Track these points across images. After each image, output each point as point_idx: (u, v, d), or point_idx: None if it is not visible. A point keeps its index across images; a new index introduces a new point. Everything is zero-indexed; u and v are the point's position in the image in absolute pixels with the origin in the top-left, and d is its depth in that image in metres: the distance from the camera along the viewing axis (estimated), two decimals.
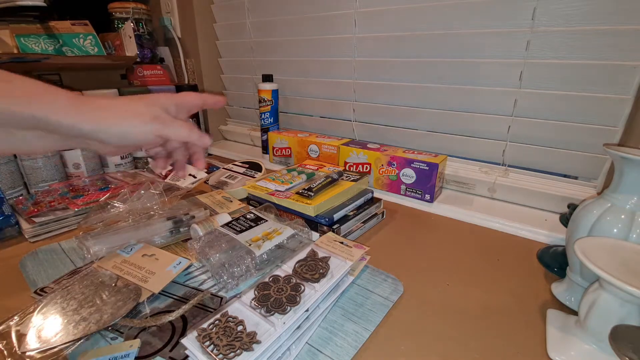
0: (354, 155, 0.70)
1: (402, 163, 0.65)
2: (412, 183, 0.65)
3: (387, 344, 0.36)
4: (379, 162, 0.68)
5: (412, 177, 0.65)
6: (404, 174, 0.66)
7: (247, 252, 0.45)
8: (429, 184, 0.64)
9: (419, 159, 0.64)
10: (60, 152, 0.45)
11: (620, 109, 0.53)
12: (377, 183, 0.70)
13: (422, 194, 0.65)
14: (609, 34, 0.52)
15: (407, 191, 0.66)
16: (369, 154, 0.69)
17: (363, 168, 0.70)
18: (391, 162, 0.66)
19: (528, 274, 0.47)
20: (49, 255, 0.51)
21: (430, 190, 0.64)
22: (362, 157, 0.70)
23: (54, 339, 0.35)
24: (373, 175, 0.69)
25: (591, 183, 0.60)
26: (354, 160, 0.71)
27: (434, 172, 0.62)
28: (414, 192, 0.66)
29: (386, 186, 0.69)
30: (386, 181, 0.68)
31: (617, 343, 0.28)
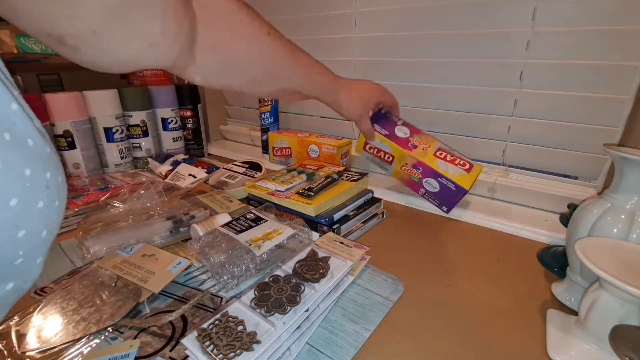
0: (379, 141, 0.63)
1: (428, 173, 0.59)
2: (433, 192, 0.60)
3: (387, 344, 0.36)
4: (403, 160, 0.61)
5: (435, 188, 0.59)
6: (428, 182, 0.59)
7: (247, 252, 0.45)
8: (451, 202, 0.59)
9: (449, 175, 0.57)
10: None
11: (620, 109, 0.53)
12: (396, 175, 0.64)
13: (440, 204, 0.61)
14: (609, 34, 0.52)
15: (426, 196, 0.61)
16: (395, 147, 0.61)
17: (384, 156, 0.64)
18: (416, 167, 0.60)
19: (528, 274, 0.47)
20: (49, 255, 0.51)
21: (449, 205, 0.60)
22: (387, 147, 0.62)
23: (54, 339, 0.35)
24: (394, 167, 0.63)
25: (591, 183, 0.60)
26: (377, 145, 0.64)
27: (459, 195, 0.57)
28: (433, 199, 0.61)
29: (405, 181, 0.63)
30: (406, 178, 0.62)
31: (617, 343, 0.28)
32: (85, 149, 0.79)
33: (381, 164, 0.65)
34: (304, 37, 0.86)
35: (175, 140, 0.96)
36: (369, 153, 0.65)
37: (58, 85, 0.87)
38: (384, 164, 0.64)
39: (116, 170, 0.85)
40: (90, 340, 0.35)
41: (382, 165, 0.65)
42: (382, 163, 0.64)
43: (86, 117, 0.79)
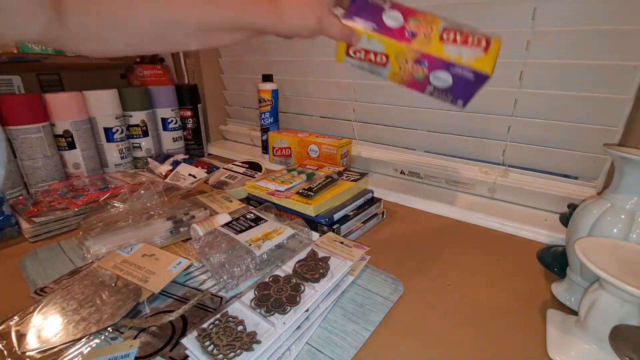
0: (365, 39, 0.47)
1: (436, 65, 0.46)
2: (445, 88, 0.48)
3: (387, 344, 0.36)
4: (402, 57, 0.47)
5: (446, 82, 0.47)
6: (437, 77, 0.47)
7: (247, 252, 0.45)
8: (469, 93, 0.47)
9: (464, 62, 0.45)
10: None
11: (620, 109, 0.53)
12: (394, 77, 0.49)
13: (454, 99, 0.48)
14: (609, 34, 0.52)
15: (434, 94, 0.49)
16: (387, 43, 0.46)
17: (376, 58, 0.48)
18: (420, 61, 0.47)
19: (528, 274, 0.47)
20: (49, 255, 0.51)
21: (466, 97, 0.48)
22: (377, 45, 0.48)
23: (54, 339, 0.35)
24: (389, 69, 0.48)
25: (591, 183, 0.60)
26: (364, 46, 0.48)
27: (479, 84, 0.45)
28: (444, 96, 0.48)
29: (406, 83, 0.49)
30: (407, 78, 0.49)
31: (617, 343, 0.28)
32: (85, 149, 0.79)
33: (372, 68, 0.50)
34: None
35: (175, 140, 0.96)
36: (355, 58, 0.50)
37: (58, 85, 0.87)
38: (376, 68, 0.50)
39: (116, 170, 0.85)
40: (90, 340, 0.35)
41: (373, 70, 0.50)
42: (373, 67, 0.50)
43: (86, 117, 0.79)
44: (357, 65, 0.52)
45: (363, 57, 0.49)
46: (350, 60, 0.51)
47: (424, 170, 0.73)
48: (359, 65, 0.51)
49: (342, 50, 0.50)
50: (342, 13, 0.47)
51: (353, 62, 0.51)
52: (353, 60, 0.51)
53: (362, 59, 0.50)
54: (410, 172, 0.75)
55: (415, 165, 0.74)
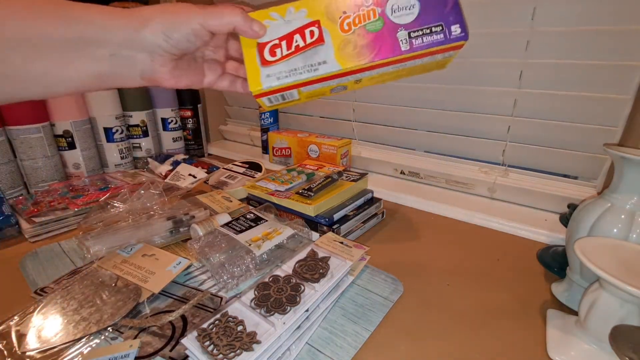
0: (276, 16, 0.34)
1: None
2: (416, 19, 0.33)
3: (387, 344, 0.36)
4: (335, 9, 0.33)
5: (412, 7, 0.33)
6: (395, 8, 0.33)
7: (247, 252, 0.45)
8: (449, 4, 0.33)
9: None
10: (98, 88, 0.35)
11: (620, 109, 0.53)
12: (343, 54, 0.33)
13: (443, 29, 0.33)
14: (609, 34, 0.52)
15: (414, 38, 0.33)
16: (306, 4, 0.33)
17: (303, 37, 0.33)
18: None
19: (528, 274, 0.47)
20: (49, 255, 0.51)
21: (455, 16, 0.33)
22: (297, 17, 0.33)
23: (54, 339, 0.35)
24: (330, 43, 0.33)
25: (591, 183, 0.60)
26: (279, 30, 0.34)
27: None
28: (428, 33, 0.33)
29: (369, 49, 0.33)
30: (365, 40, 0.33)
31: (617, 343, 0.28)
32: (85, 149, 0.79)
33: (309, 58, 0.33)
34: None
35: (175, 141, 0.96)
36: (277, 61, 0.34)
37: None
38: (313, 55, 0.33)
39: (116, 170, 0.85)
40: (91, 340, 0.35)
41: (311, 60, 0.33)
42: (309, 56, 0.33)
43: (86, 117, 0.79)
44: (286, 70, 0.33)
45: (287, 49, 0.33)
46: (271, 70, 0.33)
47: (424, 170, 0.73)
48: (287, 68, 0.33)
49: (253, 62, 0.33)
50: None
51: (279, 71, 0.33)
52: (277, 68, 0.33)
53: (286, 55, 0.33)
54: (410, 172, 0.75)
55: (415, 165, 0.74)
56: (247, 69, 0.34)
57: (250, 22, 0.33)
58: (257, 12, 0.34)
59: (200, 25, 0.32)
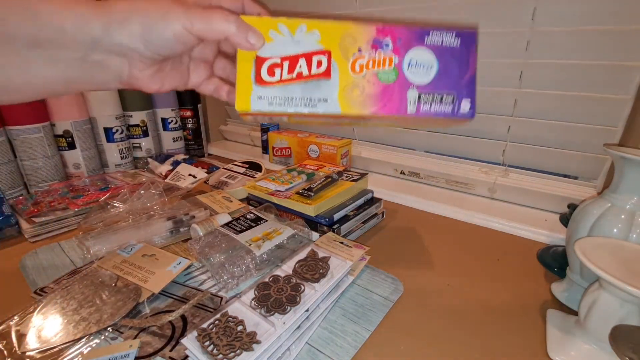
0: (285, 31, 0.30)
1: (407, 40, 0.31)
2: (431, 82, 0.31)
3: (387, 344, 0.36)
4: (350, 44, 0.30)
5: (429, 68, 0.31)
6: (413, 64, 0.31)
7: (247, 252, 0.45)
8: (466, 76, 0.31)
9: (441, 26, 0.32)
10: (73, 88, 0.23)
11: (620, 109, 0.53)
12: (347, 98, 0.30)
13: (453, 101, 0.31)
14: (609, 34, 0.52)
15: (422, 102, 0.31)
16: (324, 27, 0.30)
17: (309, 64, 0.30)
18: (380, 41, 0.31)
19: (528, 274, 0.47)
20: (49, 255, 0.51)
21: (468, 90, 0.31)
22: (306, 40, 0.30)
23: (54, 339, 0.35)
24: (336, 80, 0.30)
25: (591, 183, 0.60)
26: (281, 50, 0.30)
27: (471, 48, 0.31)
28: (438, 100, 0.31)
29: (375, 100, 0.31)
30: (373, 89, 0.30)
31: (617, 343, 0.28)
32: (85, 149, 0.79)
33: (307, 90, 0.30)
34: None
35: (175, 141, 0.96)
36: (271, 83, 0.30)
37: None
38: (313, 87, 0.30)
39: (116, 170, 0.85)
40: (90, 340, 0.35)
41: (309, 93, 0.30)
42: (308, 87, 0.30)
43: (86, 117, 0.79)
44: (281, 97, 0.30)
45: (288, 72, 0.29)
46: (265, 92, 0.29)
47: (424, 170, 0.73)
48: (283, 95, 0.30)
49: (247, 76, 0.29)
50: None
51: (273, 95, 0.29)
52: (271, 91, 0.29)
53: (286, 79, 0.29)
54: (410, 172, 0.75)
55: (415, 165, 0.74)
56: (237, 81, 0.30)
57: (246, 32, 0.28)
58: (263, 19, 0.30)
59: (185, 29, 0.27)
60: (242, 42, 0.28)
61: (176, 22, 0.27)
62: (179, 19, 0.27)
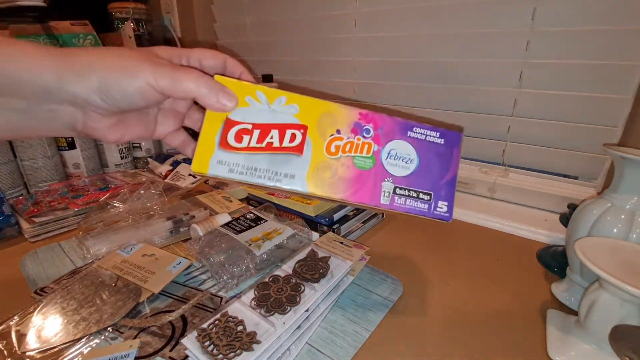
0: (263, 99, 0.29)
1: (390, 130, 0.30)
2: (409, 176, 0.30)
3: (387, 344, 0.36)
4: (329, 123, 0.29)
5: (409, 162, 0.30)
6: (392, 155, 0.30)
7: (247, 252, 0.45)
8: (446, 176, 0.31)
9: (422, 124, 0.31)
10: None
11: (620, 109, 0.53)
12: (316, 178, 0.29)
13: (430, 200, 0.30)
14: (609, 34, 0.52)
15: (397, 196, 0.30)
16: (304, 102, 0.29)
17: (282, 136, 0.29)
18: (362, 125, 0.30)
19: (528, 274, 0.47)
20: (49, 255, 0.51)
21: (446, 193, 0.31)
22: (282, 111, 0.29)
23: (54, 339, 0.35)
24: (309, 160, 0.29)
25: (591, 183, 0.60)
26: (256, 117, 0.29)
27: (454, 149, 0.31)
28: (414, 197, 0.30)
29: (346, 185, 0.29)
30: (347, 173, 0.29)
31: (617, 343, 0.28)
32: (85, 149, 0.79)
33: (274, 163, 0.29)
34: (304, 37, 0.87)
35: None
36: (239, 150, 0.28)
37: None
38: (280, 163, 0.29)
39: (116, 170, 0.85)
40: (90, 340, 0.35)
41: (275, 167, 0.29)
42: (275, 161, 0.29)
43: None
44: (244, 165, 0.28)
45: (257, 141, 0.28)
46: (227, 157, 0.28)
47: None
48: (247, 164, 0.28)
49: (211, 137, 0.28)
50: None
51: (235, 163, 0.28)
52: (234, 158, 0.28)
53: (253, 147, 0.28)
54: None
55: None
56: (200, 140, 0.28)
57: (217, 93, 0.27)
58: (242, 83, 0.29)
59: (149, 85, 0.25)
60: (212, 103, 0.27)
61: (140, 77, 0.25)
62: (144, 74, 0.25)
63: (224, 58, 0.31)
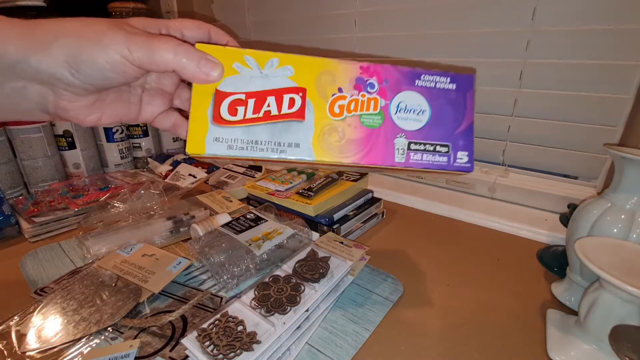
0: (252, 64, 0.26)
1: (395, 81, 0.28)
2: (423, 129, 0.28)
3: (387, 344, 0.36)
4: (329, 82, 0.27)
5: (421, 114, 0.28)
6: (402, 108, 0.28)
7: (247, 252, 0.45)
8: (462, 125, 0.28)
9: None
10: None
11: (620, 109, 0.53)
12: (323, 143, 0.27)
13: (448, 151, 0.28)
14: (609, 34, 0.51)
15: (412, 151, 0.27)
16: (299, 61, 0.27)
17: (279, 102, 0.26)
18: (364, 80, 0.27)
19: (528, 274, 0.47)
20: (49, 255, 0.51)
21: (465, 141, 0.28)
22: (276, 76, 0.26)
23: (54, 339, 0.35)
24: (312, 125, 0.26)
25: (591, 183, 0.60)
26: (247, 85, 0.26)
27: (467, 93, 0.28)
28: (430, 151, 0.28)
29: (356, 147, 0.27)
30: (355, 134, 0.27)
31: (617, 343, 0.28)
32: (85, 148, 0.79)
33: (276, 133, 0.26)
34: (305, 37, 0.87)
35: (176, 140, 0.96)
36: (234, 123, 0.26)
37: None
38: (282, 131, 0.26)
39: (116, 170, 0.85)
40: (90, 340, 0.35)
41: (278, 137, 0.26)
42: (277, 130, 0.26)
43: None
44: (244, 140, 0.26)
45: (253, 112, 0.26)
46: (224, 132, 0.25)
47: None
48: (246, 137, 0.26)
49: (202, 114, 0.25)
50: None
51: (234, 138, 0.25)
52: (232, 133, 0.25)
53: (250, 119, 0.25)
54: None
55: None
56: (190, 119, 0.25)
57: (198, 61, 0.24)
58: (227, 49, 0.26)
59: (123, 57, 0.22)
60: (194, 73, 0.24)
61: (112, 48, 0.22)
62: (117, 44, 0.22)
63: (208, 28, 0.28)
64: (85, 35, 0.22)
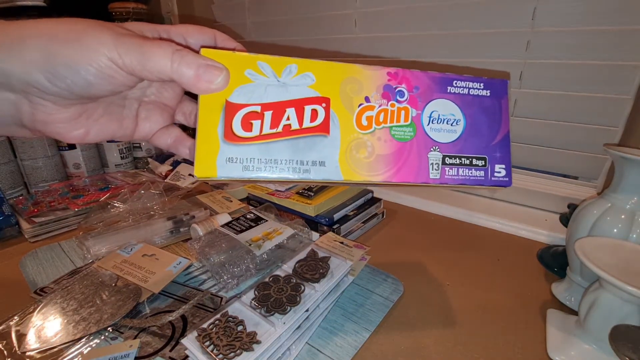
0: (268, 71, 0.22)
1: (426, 89, 0.26)
2: (457, 141, 0.26)
3: (387, 344, 0.36)
4: (354, 91, 0.24)
5: (455, 124, 0.26)
6: (434, 118, 0.25)
7: (247, 252, 0.45)
8: (499, 135, 0.26)
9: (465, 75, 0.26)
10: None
11: (620, 109, 0.53)
12: (351, 160, 0.23)
13: (485, 165, 0.26)
14: (609, 34, 0.51)
15: (448, 166, 0.25)
16: (321, 68, 0.23)
17: (300, 115, 0.23)
18: (393, 88, 0.25)
19: (528, 274, 0.47)
20: (49, 255, 0.51)
21: (502, 153, 0.26)
22: (297, 80, 0.23)
23: (54, 339, 0.35)
24: (338, 140, 0.23)
25: (591, 183, 0.60)
26: (258, 99, 0.22)
27: (502, 100, 0.27)
28: (467, 165, 0.26)
29: (387, 163, 0.24)
30: (385, 149, 0.24)
31: (617, 343, 0.28)
32: (85, 149, 0.79)
33: (298, 150, 0.23)
34: (305, 37, 0.87)
35: None
36: (246, 140, 0.22)
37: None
38: (304, 147, 0.23)
39: (117, 170, 0.85)
40: (90, 340, 0.35)
41: (300, 155, 0.23)
42: (299, 146, 0.23)
43: None
44: (261, 159, 0.22)
45: (271, 126, 0.22)
46: (238, 151, 0.22)
47: None
48: (264, 156, 0.22)
49: (211, 130, 0.22)
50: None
51: (249, 157, 0.22)
52: (246, 151, 0.22)
53: (268, 134, 0.22)
54: None
55: None
56: (198, 137, 0.21)
57: (197, 67, 0.20)
58: (237, 54, 0.22)
59: (110, 60, 0.19)
60: (193, 81, 0.20)
61: (98, 50, 0.19)
62: (102, 45, 0.19)
63: (214, 33, 0.25)
64: (60, 34, 0.19)
